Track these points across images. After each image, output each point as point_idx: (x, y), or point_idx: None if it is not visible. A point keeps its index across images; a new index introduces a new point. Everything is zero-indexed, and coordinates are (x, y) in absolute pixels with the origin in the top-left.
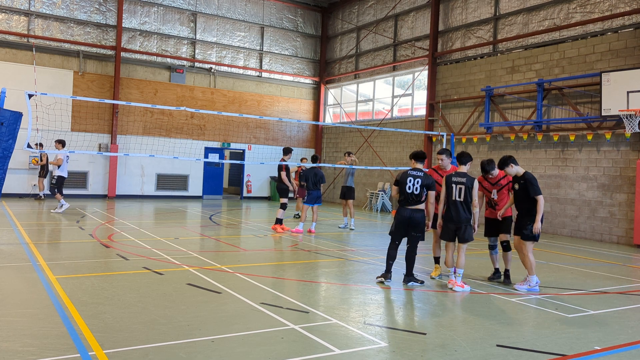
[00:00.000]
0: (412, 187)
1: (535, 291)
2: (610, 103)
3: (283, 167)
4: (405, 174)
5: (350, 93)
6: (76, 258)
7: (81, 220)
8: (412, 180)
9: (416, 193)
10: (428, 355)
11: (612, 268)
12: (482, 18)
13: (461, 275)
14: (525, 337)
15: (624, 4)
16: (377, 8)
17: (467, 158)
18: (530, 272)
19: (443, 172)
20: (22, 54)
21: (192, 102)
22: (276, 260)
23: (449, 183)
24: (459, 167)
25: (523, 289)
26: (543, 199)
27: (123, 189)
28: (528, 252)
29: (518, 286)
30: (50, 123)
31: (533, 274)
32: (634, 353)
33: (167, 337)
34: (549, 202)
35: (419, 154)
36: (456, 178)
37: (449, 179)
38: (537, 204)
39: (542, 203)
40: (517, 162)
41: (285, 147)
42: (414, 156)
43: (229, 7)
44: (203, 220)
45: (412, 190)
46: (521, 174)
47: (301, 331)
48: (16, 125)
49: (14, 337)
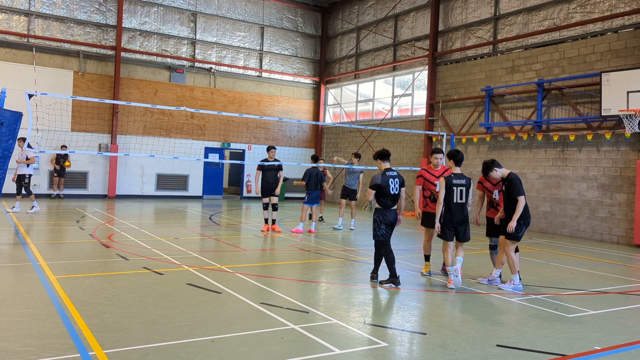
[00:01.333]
0: (394, 189)
1: (519, 289)
2: (610, 103)
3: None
4: (385, 176)
5: (350, 93)
6: (76, 258)
7: (81, 220)
8: (393, 181)
9: (397, 193)
10: (428, 355)
11: (612, 268)
12: (482, 18)
13: (461, 262)
14: (525, 337)
15: (624, 4)
16: (377, 8)
17: (462, 158)
18: (512, 271)
19: (434, 171)
20: (22, 54)
21: (192, 102)
22: (276, 260)
23: (449, 185)
24: (455, 168)
25: (507, 288)
26: (524, 200)
27: (123, 189)
28: (510, 251)
29: (502, 285)
30: (50, 123)
31: (515, 273)
32: (634, 353)
33: (167, 337)
34: (548, 202)
35: (386, 152)
36: (456, 180)
37: (449, 182)
38: (517, 204)
39: (523, 204)
40: (500, 165)
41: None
42: (380, 156)
43: (229, 7)
44: (203, 220)
45: (395, 192)
46: (506, 175)
47: (301, 331)
48: (16, 125)
49: (14, 337)
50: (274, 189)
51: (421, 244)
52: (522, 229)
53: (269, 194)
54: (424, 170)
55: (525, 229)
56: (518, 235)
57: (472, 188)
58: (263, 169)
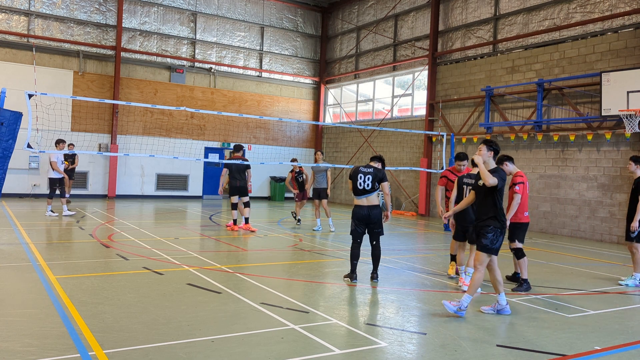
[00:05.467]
0: (361, 184)
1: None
2: (610, 103)
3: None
4: (356, 170)
5: (350, 93)
6: (76, 258)
7: (81, 220)
8: (363, 177)
9: (367, 189)
10: (428, 355)
11: (612, 268)
12: (482, 18)
13: (471, 275)
14: (525, 337)
15: (624, 4)
16: (377, 8)
17: None
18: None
19: (458, 173)
20: (22, 54)
21: (192, 102)
22: (276, 260)
23: (460, 184)
24: (474, 168)
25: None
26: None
27: (123, 189)
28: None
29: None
30: (50, 123)
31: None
32: (634, 353)
33: (167, 337)
34: (548, 202)
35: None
36: (466, 179)
37: (460, 181)
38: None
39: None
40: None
41: (235, 144)
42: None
43: (229, 7)
44: (203, 220)
45: (361, 187)
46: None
47: (301, 331)
48: (16, 125)
49: (14, 337)
50: None
51: (421, 244)
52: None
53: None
54: (447, 170)
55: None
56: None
57: None
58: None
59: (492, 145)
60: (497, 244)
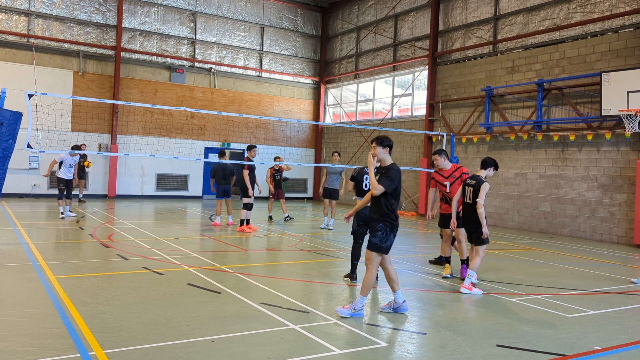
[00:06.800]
0: (367, 185)
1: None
2: (610, 103)
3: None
4: (362, 171)
5: (350, 93)
6: (76, 258)
7: (81, 220)
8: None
9: None
10: (428, 355)
11: (612, 268)
12: (482, 18)
13: (472, 277)
14: (525, 337)
15: (624, 4)
16: (377, 8)
17: (488, 164)
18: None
19: (444, 171)
20: (22, 54)
21: (192, 102)
22: (276, 260)
23: (463, 185)
24: (480, 170)
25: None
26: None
27: (123, 189)
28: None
29: (339, 310)
30: (50, 123)
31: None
32: (634, 353)
33: (167, 337)
34: (548, 202)
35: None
36: (469, 180)
37: (465, 181)
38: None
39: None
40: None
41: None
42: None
43: (229, 7)
44: (203, 220)
45: (367, 188)
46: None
47: (301, 331)
48: (16, 125)
49: (14, 337)
50: None
51: (421, 244)
52: (388, 237)
53: None
54: (435, 172)
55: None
56: (383, 245)
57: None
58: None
59: (385, 141)
60: (387, 242)
